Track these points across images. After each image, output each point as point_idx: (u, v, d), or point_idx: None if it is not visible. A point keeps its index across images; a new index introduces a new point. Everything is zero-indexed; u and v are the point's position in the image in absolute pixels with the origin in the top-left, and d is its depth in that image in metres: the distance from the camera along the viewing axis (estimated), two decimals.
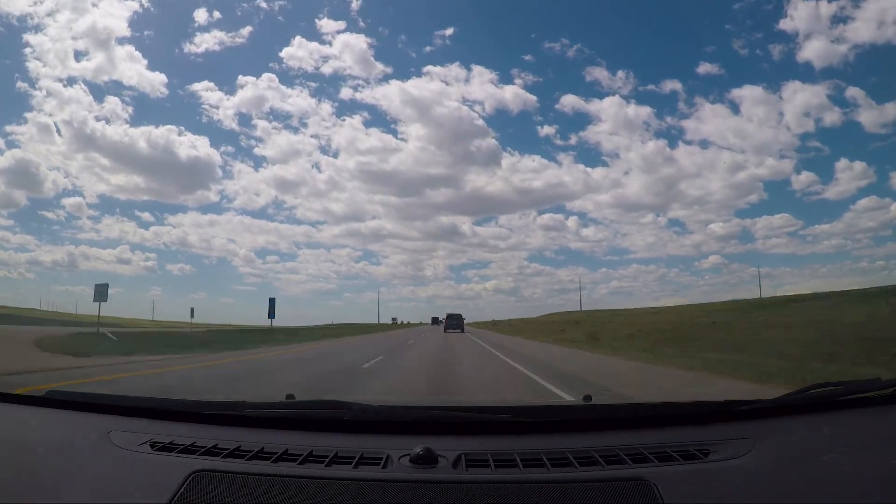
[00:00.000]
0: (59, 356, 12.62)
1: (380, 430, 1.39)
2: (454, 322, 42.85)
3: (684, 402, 1.56)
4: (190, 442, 1.29)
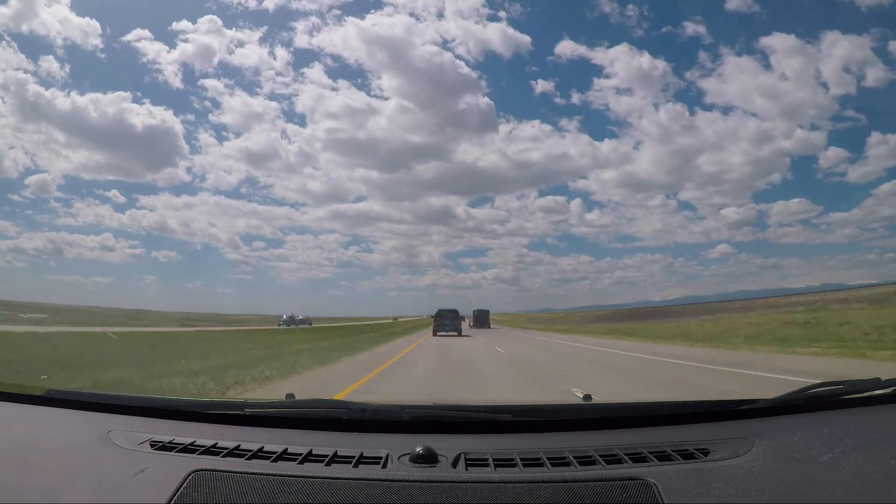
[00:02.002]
0: None
1: (380, 429, 1.39)
2: (448, 322, 29.54)
3: (684, 401, 1.56)
4: (190, 441, 1.29)
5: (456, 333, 28.83)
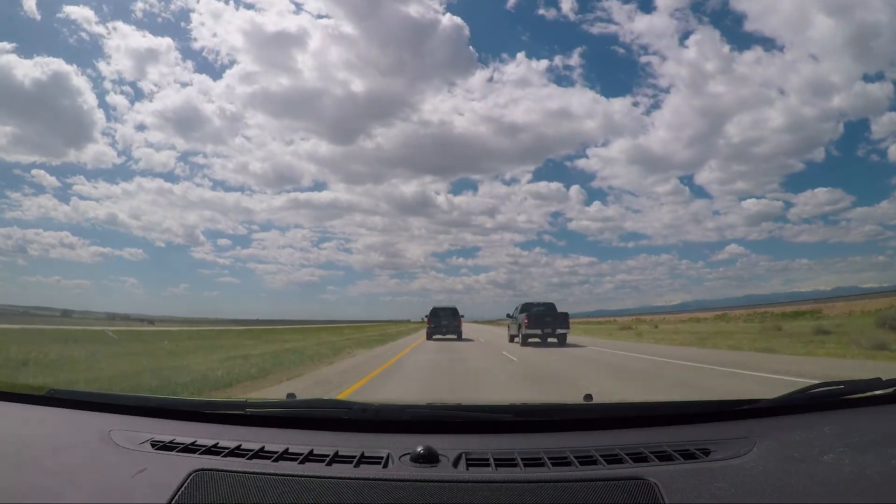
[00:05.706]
0: None
1: (381, 429, 1.39)
2: (446, 323, 24.74)
3: (685, 401, 1.56)
4: (191, 441, 1.29)
5: (455, 336, 24.70)
